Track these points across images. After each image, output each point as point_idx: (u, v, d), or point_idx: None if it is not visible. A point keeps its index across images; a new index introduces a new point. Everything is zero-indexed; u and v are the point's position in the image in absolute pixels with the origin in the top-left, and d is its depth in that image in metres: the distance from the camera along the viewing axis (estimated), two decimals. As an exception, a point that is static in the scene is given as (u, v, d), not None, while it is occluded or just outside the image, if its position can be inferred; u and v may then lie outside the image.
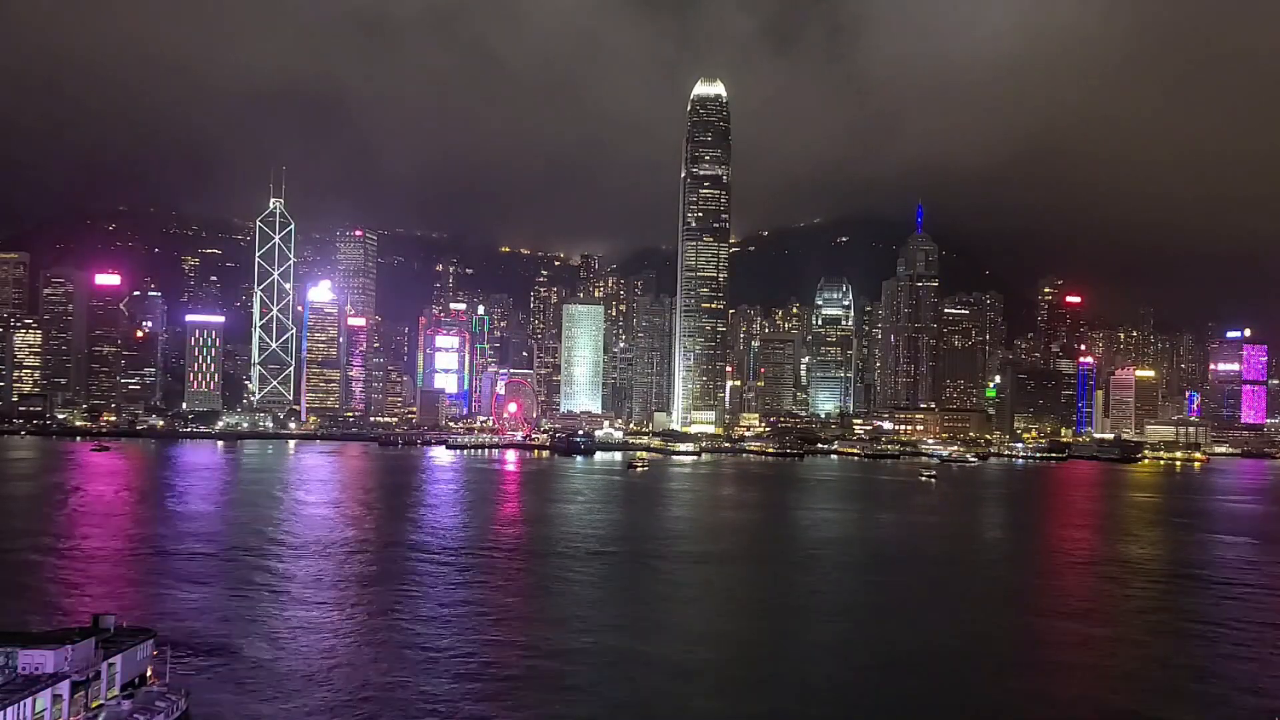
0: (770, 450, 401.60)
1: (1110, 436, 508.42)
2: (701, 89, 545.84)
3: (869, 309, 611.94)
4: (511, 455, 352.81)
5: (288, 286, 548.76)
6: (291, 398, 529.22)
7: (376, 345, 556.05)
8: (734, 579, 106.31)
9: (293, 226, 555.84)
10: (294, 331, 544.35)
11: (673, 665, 68.07)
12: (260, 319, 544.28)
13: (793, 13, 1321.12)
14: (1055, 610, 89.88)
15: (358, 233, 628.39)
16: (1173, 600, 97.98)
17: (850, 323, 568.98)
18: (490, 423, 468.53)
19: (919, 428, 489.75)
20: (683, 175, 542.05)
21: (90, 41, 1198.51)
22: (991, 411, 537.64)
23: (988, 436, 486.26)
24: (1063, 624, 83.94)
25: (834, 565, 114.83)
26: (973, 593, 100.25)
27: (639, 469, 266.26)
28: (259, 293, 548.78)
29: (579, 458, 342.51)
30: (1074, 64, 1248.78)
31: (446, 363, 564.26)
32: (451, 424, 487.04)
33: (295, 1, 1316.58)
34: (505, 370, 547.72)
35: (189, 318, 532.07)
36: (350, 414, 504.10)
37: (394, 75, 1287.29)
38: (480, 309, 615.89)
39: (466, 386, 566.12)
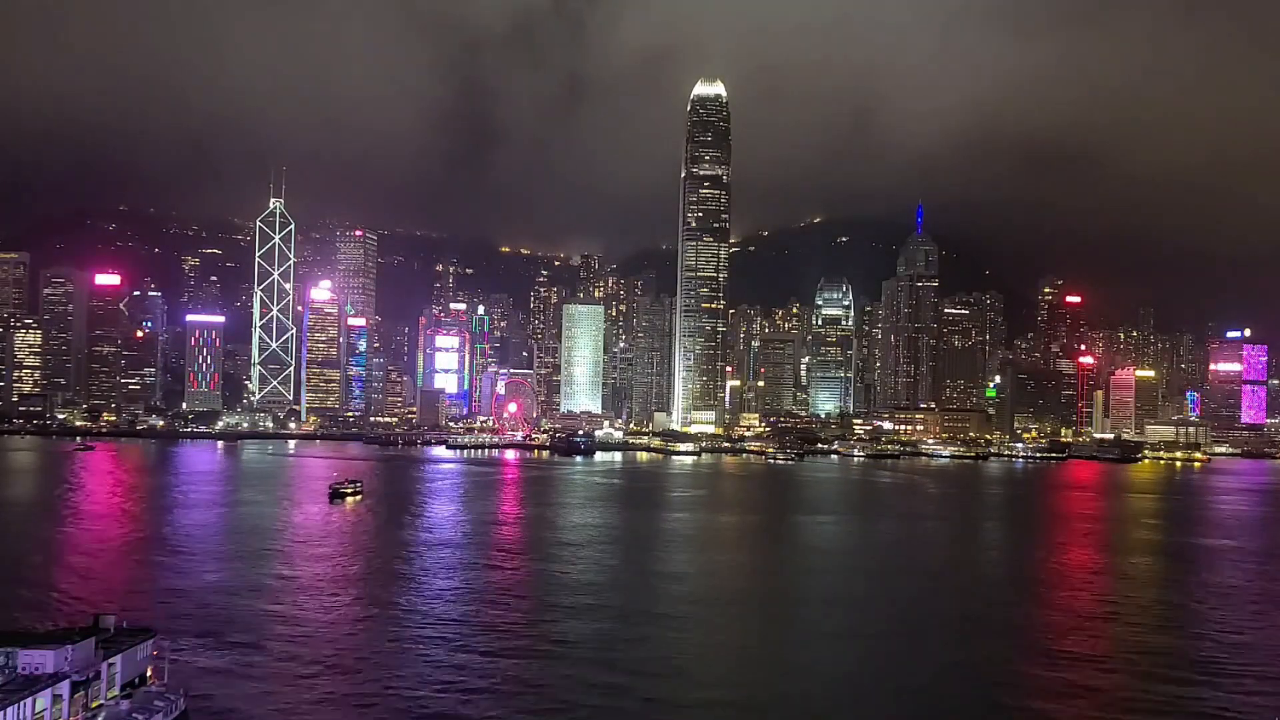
0: (770, 450, 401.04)
1: (1110, 436, 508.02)
2: (701, 89, 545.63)
3: (869, 309, 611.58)
4: (511, 455, 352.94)
5: (288, 286, 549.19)
6: (291, 398, 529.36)
7: (376, 345, 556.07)
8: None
9: (293, 226, 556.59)
10: (294, 331, 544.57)
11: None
12: (260, 319, 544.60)
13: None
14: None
15: (358, 233, 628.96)
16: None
17: (850, 323, 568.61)
18: (490, 423, 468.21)
19: (919, 428, 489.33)
20: (683, 175, 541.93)
21: (91, 43, 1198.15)
22: (991, 411, 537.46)
23: (988, 436, 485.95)
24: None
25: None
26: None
27: (350, 496, 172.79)
28: (259, 293, 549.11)
29: (579, 458, 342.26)
30: (1076, 65, 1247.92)
31: (446, 363, 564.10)
32: (451, 424, 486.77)
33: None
34: (505, 370, 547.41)
35: (189, 318, 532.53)
36: (350, 414, 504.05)
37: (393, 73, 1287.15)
38: (480, 309, 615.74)
39: (466, 386, 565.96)
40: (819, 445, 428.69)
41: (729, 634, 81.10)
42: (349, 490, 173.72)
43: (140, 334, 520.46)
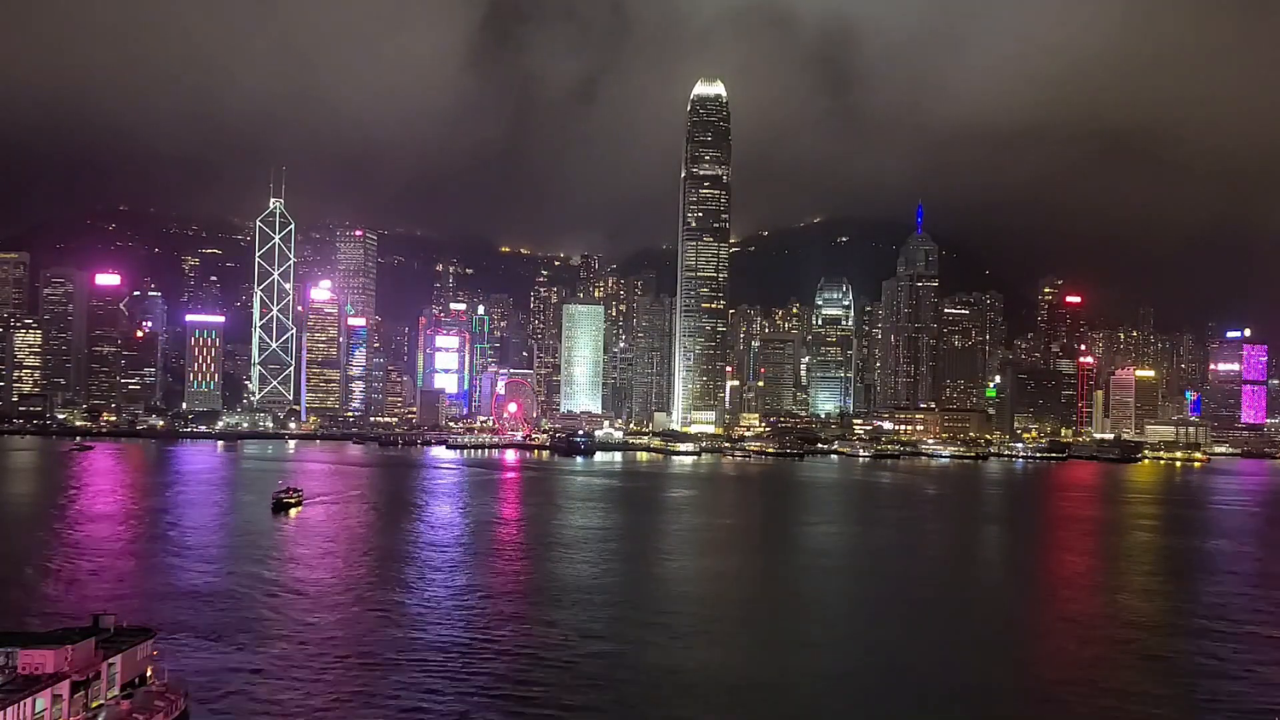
0: (770, 450, 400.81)
1: (1110, 436, 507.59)
2: (701, 89, 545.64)
3: (869, 309, 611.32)
4: (511, 455, 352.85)
5: (288, 286, 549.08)
6: (291, 398, 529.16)
7: (376, 345, 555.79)
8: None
9: (293, 226, 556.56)
10: (294, 331, 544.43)
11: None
12: (260, 319, 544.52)
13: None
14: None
15: (358, 233, 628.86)
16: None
17: (850, 323, 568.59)
18: (490, 423, 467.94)
19: (919, 428, 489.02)
20: (683, 175, 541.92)
21: (91, 44, 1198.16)
22: (991, 411, 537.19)
23: (988, 436, 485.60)
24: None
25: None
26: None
27: (293, 506, 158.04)
28: (259, 293, 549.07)
29: (579, 458, 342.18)
30: (1075, 65, 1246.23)
31: (446, 363, 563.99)
32: (451, 424, 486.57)
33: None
34: (505, 370, 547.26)
35: (189, 318, 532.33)
36: (350, 414, 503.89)
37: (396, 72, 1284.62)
38: (480, 309, 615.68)
39: (466, 386, 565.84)
40: (819, 445, 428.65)
41: (719, 645, 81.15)
42: (292, 500, 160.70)
43: (140, 334, 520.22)
